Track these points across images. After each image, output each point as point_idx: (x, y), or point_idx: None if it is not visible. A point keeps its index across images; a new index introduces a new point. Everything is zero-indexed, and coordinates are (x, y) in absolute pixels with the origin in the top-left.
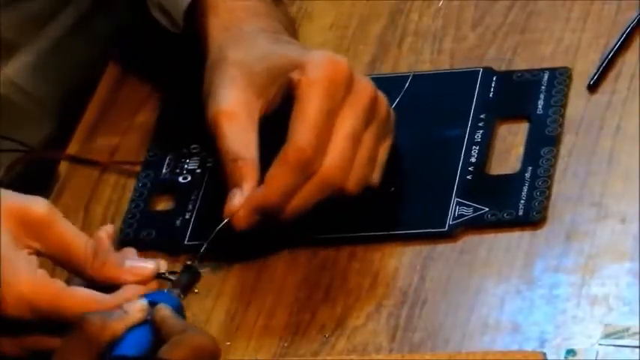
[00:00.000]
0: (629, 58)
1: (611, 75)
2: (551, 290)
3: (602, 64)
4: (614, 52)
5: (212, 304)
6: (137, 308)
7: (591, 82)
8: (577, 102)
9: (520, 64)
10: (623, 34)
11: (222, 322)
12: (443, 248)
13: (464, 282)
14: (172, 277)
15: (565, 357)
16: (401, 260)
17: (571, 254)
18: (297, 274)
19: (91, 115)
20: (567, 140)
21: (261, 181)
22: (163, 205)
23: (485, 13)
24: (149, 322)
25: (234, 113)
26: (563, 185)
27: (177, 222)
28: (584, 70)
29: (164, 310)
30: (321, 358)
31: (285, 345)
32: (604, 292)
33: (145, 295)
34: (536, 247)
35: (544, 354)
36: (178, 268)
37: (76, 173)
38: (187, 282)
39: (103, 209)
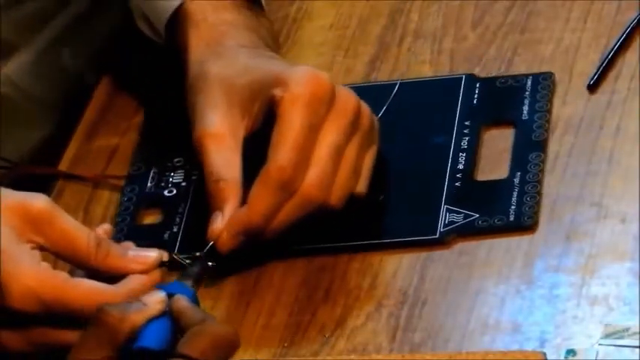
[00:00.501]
0: (629, 58)
1: (611, 75)
2: (552, 290)
3: (602, 63)
4: (614, 52)
5: (212, 304)
6: (156, 300)
7: (591, 82)
8: (577, 102)
9: (520, 64)
10: (624, 33)
11: (222, 322)
12: (443, 248)
13: (464, 282)
14: (185, 261)
15: (565, 357)
16: (400, 261)
17: (571, 254)
18: (297, 275)
19: (91, 115)
20: (566, 140)
21: (245, 200)
22: (150, 219)
23: (485, 13)
24: (167, 314)
25: (220, 135)
26: (563, 185)
27: (165, 235)
28: (584, 70)
29: (182, 301)
30: (321, 358)
31: (285, 345)
32: (604, 292)
33: (162, 287)
34: (536, 247)
35: (544, 354)
36: (172, 278)
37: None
38: (198, 273)
39: (103, 209)
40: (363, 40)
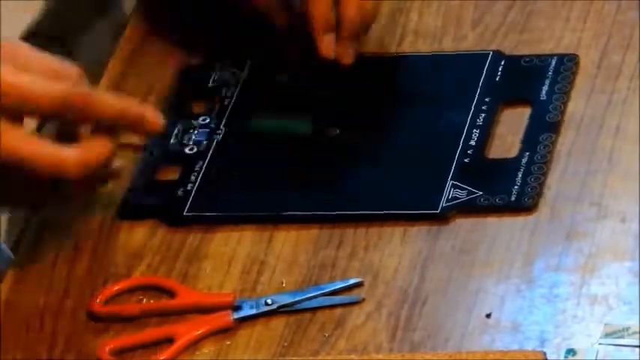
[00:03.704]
0: (629, 58)
1: (612, 75)
2: (552, 289)
3: None
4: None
5: None
6: None
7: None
8: (577, 101)
9: None
10: None
11: None
12: (443, 247)
13: (464, 281)
14: None
15: (565, 356)
16: (401, 260)
17: (571, 253)
18: (297, 274)
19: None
20: (567, 139)
21: None
22: (169, 175)
23: (485, 13)
24: None
25: None
26: (563, 184)
27: (179, 192)
28: (584, 69)
29: None
30: (321, 357)
31: (285, 345)
32: (604, 291)
33: None
34: (536, 247)
35: (544, 353)
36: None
37: None
38: None
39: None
40: (363, 39)
